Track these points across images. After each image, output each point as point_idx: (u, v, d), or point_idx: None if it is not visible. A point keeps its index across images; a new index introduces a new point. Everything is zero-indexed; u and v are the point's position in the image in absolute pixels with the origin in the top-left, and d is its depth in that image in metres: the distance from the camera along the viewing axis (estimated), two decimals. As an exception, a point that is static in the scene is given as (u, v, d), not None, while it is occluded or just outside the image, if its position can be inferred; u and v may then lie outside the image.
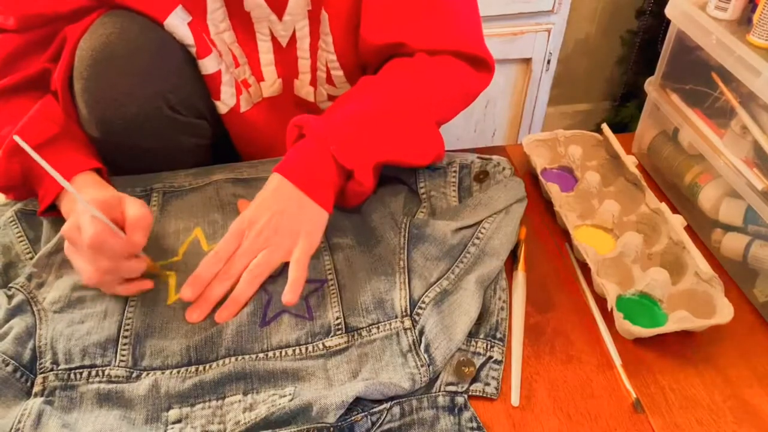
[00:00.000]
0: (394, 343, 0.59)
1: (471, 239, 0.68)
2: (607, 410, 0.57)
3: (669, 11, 0.75)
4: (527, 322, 0.63)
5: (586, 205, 0.75)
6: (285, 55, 0.77)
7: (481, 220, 0.69)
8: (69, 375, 0.56)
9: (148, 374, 0.57)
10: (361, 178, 0.65)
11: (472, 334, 0.61)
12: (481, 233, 0.68)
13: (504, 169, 0.76)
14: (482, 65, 0.76)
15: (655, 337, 0.61)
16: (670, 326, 0.61)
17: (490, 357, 0.59)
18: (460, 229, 0.69)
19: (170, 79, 0.70)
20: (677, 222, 0.69)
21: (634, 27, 1.63)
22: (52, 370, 0.56)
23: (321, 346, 0.59)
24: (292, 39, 0.75)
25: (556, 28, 1.34)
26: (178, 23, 0.68)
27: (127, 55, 0.65)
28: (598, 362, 0.61)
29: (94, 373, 0.56)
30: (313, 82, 0.79)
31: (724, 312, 0.61)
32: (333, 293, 0.63)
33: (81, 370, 0.56)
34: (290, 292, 0.59)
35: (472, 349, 0.60)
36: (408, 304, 0.62)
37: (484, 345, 0.60)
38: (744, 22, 0.69)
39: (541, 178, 0.77)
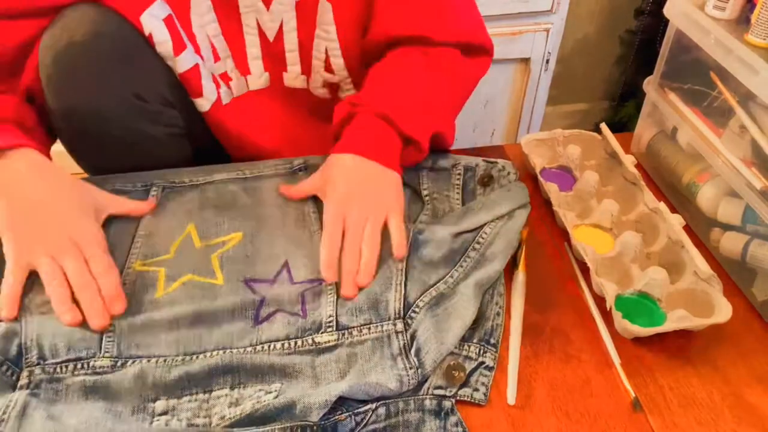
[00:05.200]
0: (384, 345, 0.59)
1: (472, 243, 0.68)
2: (606, 409, 0.57)
3: (667, 11, 0.75)
4: (526, 322, 0.63)
5: (585, 205, 0.75)
6: (272, 48, 0.76)
7: (483, 225, 0.69)
8: (55, 368, 0.56)
9: (133, 362, 0.56)
10: (424, 145, 0.72)
11: (465, 339, 0.60)
12: (482, 238, 0.68)
13: (509, 173, 0.76)
14: (484, 52, 0.80)
15: (654, 336, 0.61)
16: (668, 325, 0.61)
17: (482, 362, 0.59)
18: (462, 233, 0.68)
19: (134, 66, 0.69)
20: (676, 221, 0.69)
21: (632, 27, 1.63)
22: (38, 364, 0.56)
23: (310, 341, 0.59)
24: (279, 32, 0.75)
25: (555, 27, 1.34)
26: (153, 21, 0.68)
27: (86, 41, 0.64)
28: (597, 361, 0.61)
29: (80, 365, 0.56)
30: (306, 71, 0.79)
31: (723, 311, 0.61)
32: (330, 293, 0.63)
33: (67, 363, 0.56)
34: (400, 248, 0.65)
35: (464, 353, 0.59)
36: (402, 306, 0.61)
37: (477, 350, 0.59)
38: (742, 21, 0.69)
39: (539, 177, 0.77)
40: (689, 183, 0.75)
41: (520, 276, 0.67)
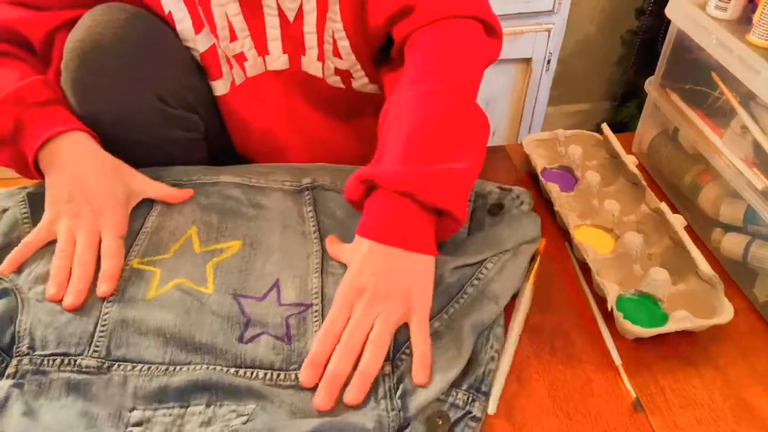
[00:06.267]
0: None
1: (470, 279, 0.62)
2: (607, 410, 0.57)
3: (669, 11, 0.75)
4: (527, 322, 0.63)
5: (586, 205, 0.75)
6: (292, 31, 0.75)
7: (484, 259, 0.64)
8: (42, 361, 0.56)
9: (119, 367, 0.56)
10: (458, 214, 0.59)
11: (454, 384, 0.55)
12: (482, 274, 0.63)
13: (522, 203, 0.71)
14: (492, 32, 0.72)
15: (655, 337, 0.61)
16: (670, 326, 0.61)
17: (469, 412, 0.54)
18: (460, 267, 0.63)
19: (158, 71, 0.69)
20: (677, 222, 0.69)
21: (634, 27, 1.63)
22: (27, 354, 0.56)
23: (293, 376, 0.56)
24: (299, 13, 0.74)
25: (556, 28, 1.34)
26: (173, 2, 0.68)
27: (113, 45, 0.65)
28: (598, 362, 0.61)
29: (66, 361, 0.56)
30: (321, 57, 0.78)
31: (724, 312, 0.61)
32: (316, 321, 0.60)
33: (54, 357, 0.56)
34: (421, 371, 0.54)
35: (450, 399, 0.54)
36: (392, 347, 0.57)
37: (465, 397, 0.54)
38: (744, 21, 0.69)
39: (541, 177, 0.78)
40: (691, 183, 0.75)
41: (527, 288, 0.65)
